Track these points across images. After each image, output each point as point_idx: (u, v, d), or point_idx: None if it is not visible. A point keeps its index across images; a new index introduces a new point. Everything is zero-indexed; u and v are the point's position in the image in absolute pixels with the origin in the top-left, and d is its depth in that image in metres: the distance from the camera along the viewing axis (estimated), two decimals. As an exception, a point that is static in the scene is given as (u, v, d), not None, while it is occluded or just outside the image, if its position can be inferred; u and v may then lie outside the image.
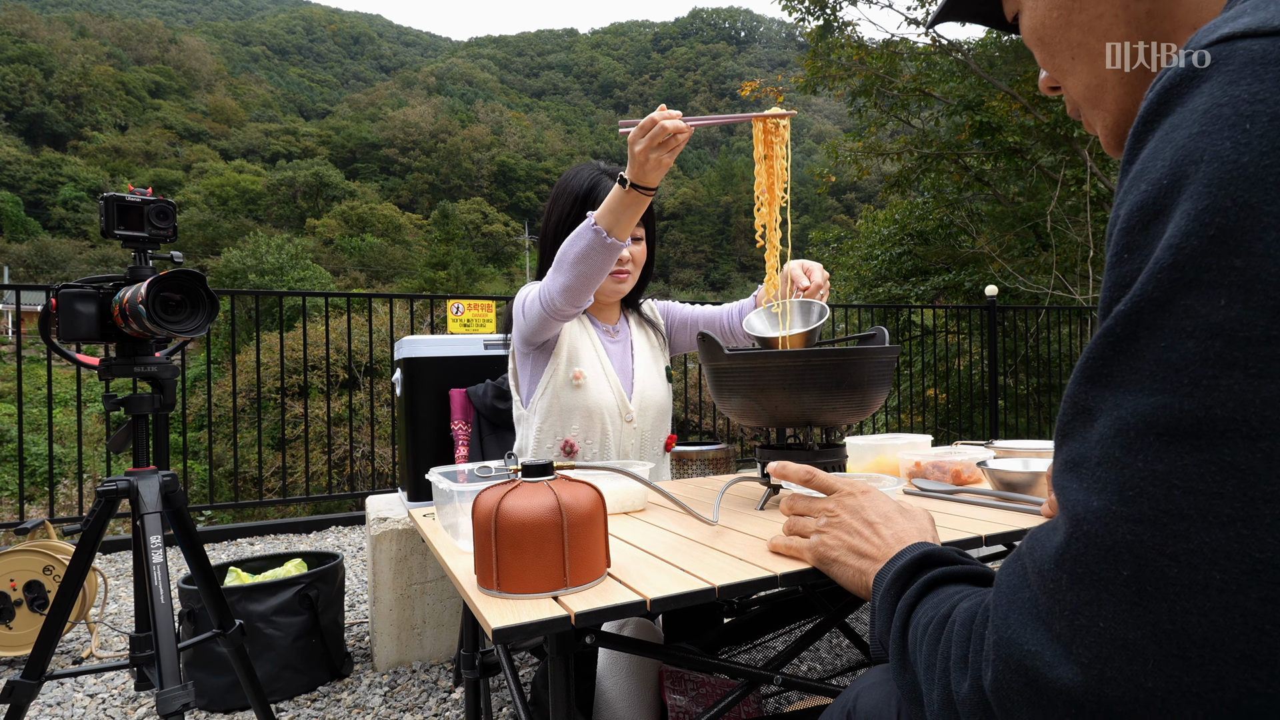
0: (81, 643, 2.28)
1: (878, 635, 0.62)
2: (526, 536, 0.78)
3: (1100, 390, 0.37)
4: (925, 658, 0.49)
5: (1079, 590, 0.35)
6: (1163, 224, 0.35)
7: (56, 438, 7.69)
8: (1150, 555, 0.33)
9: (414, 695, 1.88)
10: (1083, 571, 0.35)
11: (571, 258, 1.37)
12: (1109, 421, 0.36)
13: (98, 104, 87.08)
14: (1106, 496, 0.35)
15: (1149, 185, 0.37)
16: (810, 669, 2.02)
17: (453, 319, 3.68)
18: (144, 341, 1.33)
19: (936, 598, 0.55)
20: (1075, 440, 0.38)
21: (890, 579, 0.62)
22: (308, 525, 3.87)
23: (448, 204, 66.74)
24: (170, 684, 1.14)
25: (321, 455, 6.67)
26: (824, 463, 1.22)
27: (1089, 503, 0.36)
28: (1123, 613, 0.34)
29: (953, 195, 11.45)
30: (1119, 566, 0.34)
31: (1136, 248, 0.37)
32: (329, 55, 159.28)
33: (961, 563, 0.60)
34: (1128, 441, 0.34)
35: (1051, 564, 0.37)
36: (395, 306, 7.93)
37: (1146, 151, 0.38)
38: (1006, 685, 0.38)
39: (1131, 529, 0.34)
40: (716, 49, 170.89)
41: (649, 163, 1.24)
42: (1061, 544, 0.37)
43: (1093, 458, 0.36)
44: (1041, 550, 0.39)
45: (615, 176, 1.58)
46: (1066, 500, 0.38)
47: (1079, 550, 0.36)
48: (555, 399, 1.59)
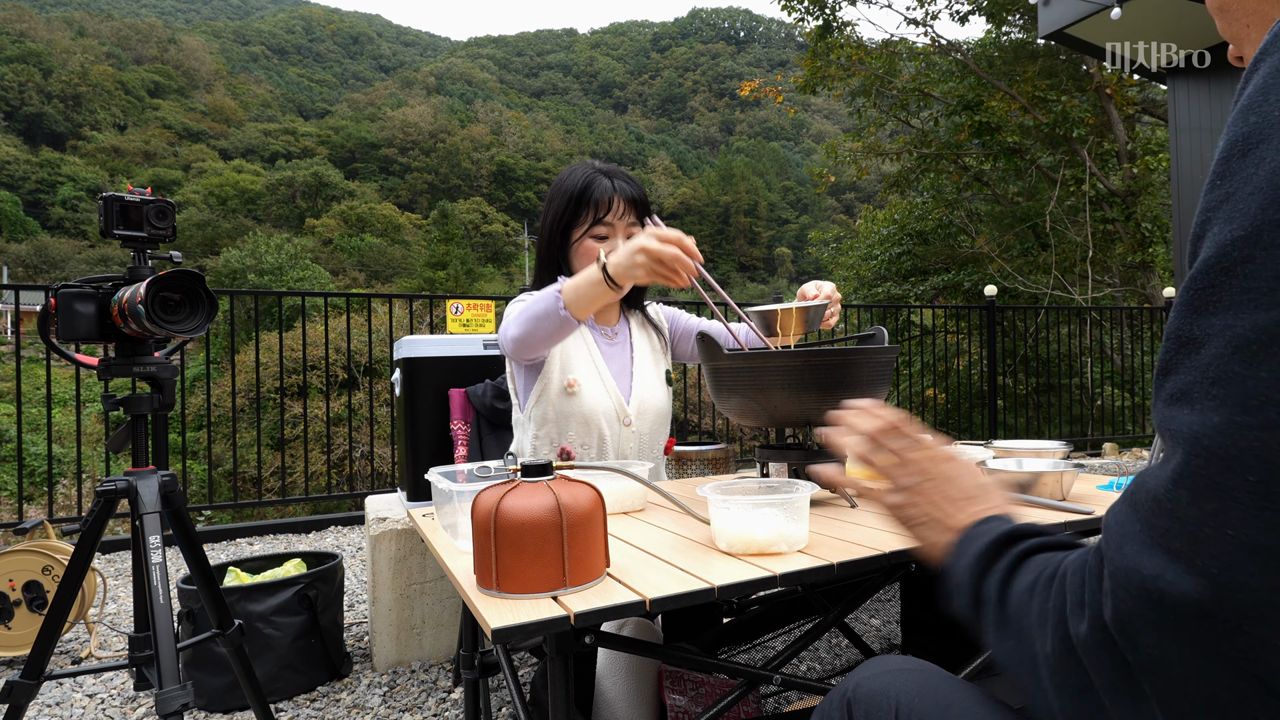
0: (80, 643, 2.28)
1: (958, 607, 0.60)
2: (526, 536, 0.78)
3: (1207, 318, 0.37)
4: (1036, 614, 0.48)
5: (1202, 503, 0.35)
6: (1266, 150, 0.35)
7: (55, 438, 7.68)
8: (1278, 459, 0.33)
9: (413, 695, 1.88)
10: (1204, 484, 0.35)
11: (530, 314, 1.38)
12: (1222, 343, 0.36)
13: (96, 104, 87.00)
14: (1228, 410, 0.35)
15: (1258, 118, 0.37)
16: (810, 669, 2.02)
17: (452, 319, 3.68)
18: (143, 341, 1.33)
19: (1033, 564, 0.54)
20: (1181, 372, 0.38)
21: (977, 554, 0.59)
22: (307, 525, 3.87)
23: (447, 204, 66.72)
24: (169, 684, 1.14)
25: (321, 455, 6.67)
26: (822, 463, 1.22)
27: (1208, 420, 0.36)
28: (1251, 518, 0.34)
29: (952, 195, 11.46)
30: (1245, 473, 0.34)
31: (1234, 174, 0.37)
32: (328, 55, 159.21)
33: (1048, 533, 0.59)
34: (1248, 355, 0.34)
35: (1168, 486, 0.37)
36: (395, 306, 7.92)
37: (1254, 86, 0.38)
38: (1129, 612, 0.39)
39: (1258, 435, 0.33)
40: (716, 49, 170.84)
41: (638, 269, 1.23)
42: (1179, 464, 0.37)
43: (1206, 379, 0.36)
44: (1153, 481, 0.39)
45: (610, 173, 1.58)
46: (1178, 428, 0.37)
47: (1199, 466, 0.36)
48: (550, 406, 1.58)
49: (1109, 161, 10.05)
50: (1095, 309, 8.06)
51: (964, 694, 0.61)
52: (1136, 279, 9.81)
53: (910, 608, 1.89)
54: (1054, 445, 1.46)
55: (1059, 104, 8.94)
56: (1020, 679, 0.51)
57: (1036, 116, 9.25)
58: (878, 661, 0.68)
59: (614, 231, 1.57)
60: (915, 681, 0.62)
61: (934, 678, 0.64)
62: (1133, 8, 4.47)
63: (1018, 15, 10.48)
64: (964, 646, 1.04)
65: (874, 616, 2.39)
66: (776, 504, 0.93)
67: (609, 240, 1.56)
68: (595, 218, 1.55)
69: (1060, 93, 9.31)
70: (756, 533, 0.92)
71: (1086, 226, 9.05)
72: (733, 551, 0.93)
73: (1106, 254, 9.78)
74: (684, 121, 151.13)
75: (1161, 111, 9.77)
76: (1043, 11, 5.03)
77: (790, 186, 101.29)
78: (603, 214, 1.55)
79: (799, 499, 0.94)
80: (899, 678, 0.64)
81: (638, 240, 1.23)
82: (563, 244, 1.60)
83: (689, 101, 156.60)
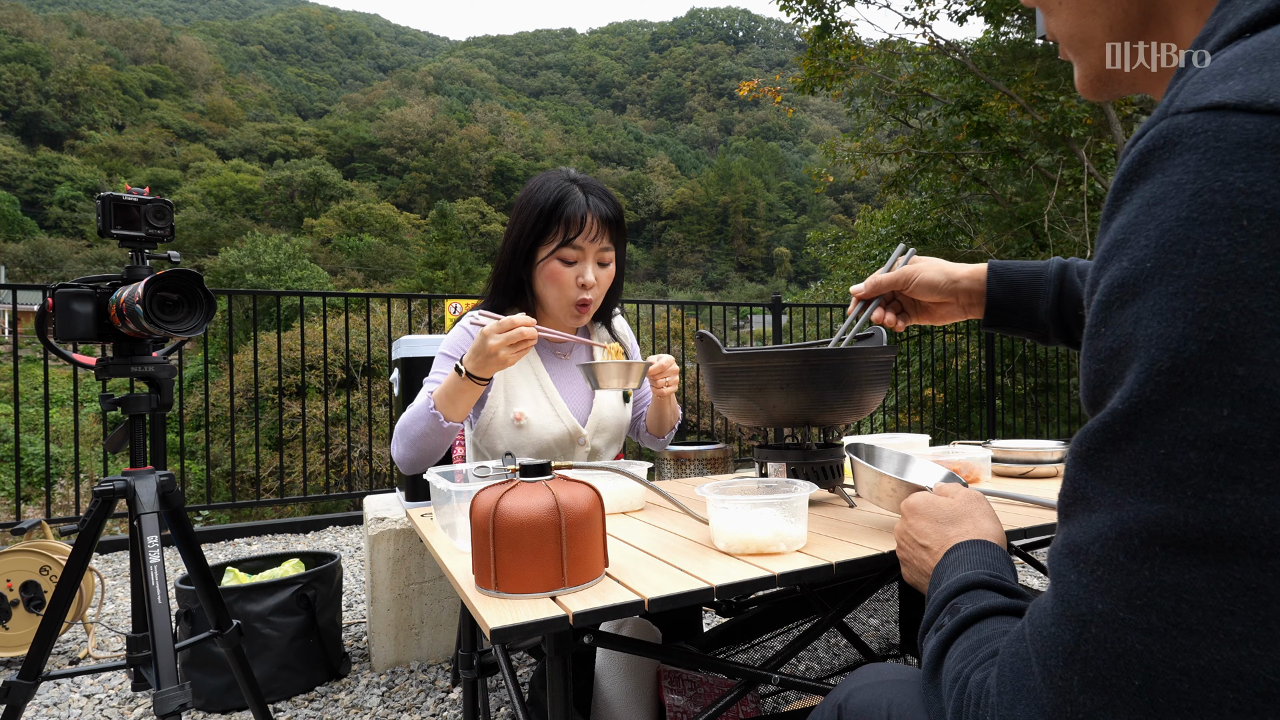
0: (78, 643, 2.27)
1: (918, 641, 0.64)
2: (524, 536, 0.78)
3: (1099, 482, 0.36)
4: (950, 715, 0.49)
5: (1091, 695, 0.35)
6: (1144, 305, 0.34)
7: (53, 438, 7.67)
8: (1161, 669, 0.32)
9: (412, 695, 1.88)
10: (1094, 677, 0.34)
11: (413, 434, 1.37)
12: (1109, 520, 0.35)
13: (94, 103, 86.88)
14: (1112, 600, 0.34)
15: (1130, 263, 0.35)
16: (808, 668, 2.02)
17: (451, 318, 3.68)
18: (141, 341, 1.33)
19: (968, 640, 0.54)
20: (1074, 525, 0.37)
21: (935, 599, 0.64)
22: (305, 525, 3.86)
23: (445, 203, 66.66)
24: (167, 684, 1.14)
25: (319, 455, 6.66)
26: (821, 462, 1.22)
27: (1093, 603, 0.35)
28: None
29: (950, 195, 11.47)
30: (1130, 676, 0.33)
31: (1114, 324, 0.36)
32: (326, 55, 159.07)
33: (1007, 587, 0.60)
34: (1132, 548, 0.33)
35: (1060, 663, 0.36)
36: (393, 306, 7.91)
37: (1127, 217, 0.36)
38: None
39: (1141, 639, 0.33)
40: (714, 49, 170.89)
41: (496, 357, 1.26)
42: (1070, 644, 0.36)
43: (1093, 554, 0.35)
44: (1044, 642, 0.38)
45: (586, 187, 1.48)
46: (1067, 591, 0.36)
47: (1089, 653, 0.35)
48: (499, 438, 1.51)
49: (1107, 162, 10.07)
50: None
51: None
52: (1134, 279, 9.81)
53: (909, 608, 1.89)
54: (1052, 445, 1.47)
55: (1057, 104, 8.95)
56: None
57: (1035, 116, 9.26)
58: (871, 670, 0.69)
59: (584, 256, 1.46)
60: (907, 693, 0.63)
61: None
62: (1131, 8, 4.48)
63: (1016, 15, 10.49)
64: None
65: (872, 616, 2.39)
66: (775, 504, 0.93)
67: (577, 265, 1.46)
68: (565, 238, 1.43)
69: (1059, 93, 9.32)
70: (755, 532, 0.92)
71: (1084, 227, 9.07)
72: (731, 551, 0.93)
73: (1105, 254, 9.79)
74: (682, 121, 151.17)
75: (1159, 112, 9.79)
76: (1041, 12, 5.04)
77: (789, 186, 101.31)
78: (573, 234, 1.43)
79: (797, 499, 0.94)
80: (891, 689, 0.64)
81: (482, 338, 1.27)
82: (527, 261, 1.48)
83: (687, 101, 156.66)
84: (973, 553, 0.69)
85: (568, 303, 1.48)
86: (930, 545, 0.75)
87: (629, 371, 1.33)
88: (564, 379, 1.59)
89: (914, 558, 0.78)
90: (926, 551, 0.76)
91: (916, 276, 1.05)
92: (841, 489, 1.25)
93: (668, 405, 1.60)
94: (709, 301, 5.53)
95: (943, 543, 0.74)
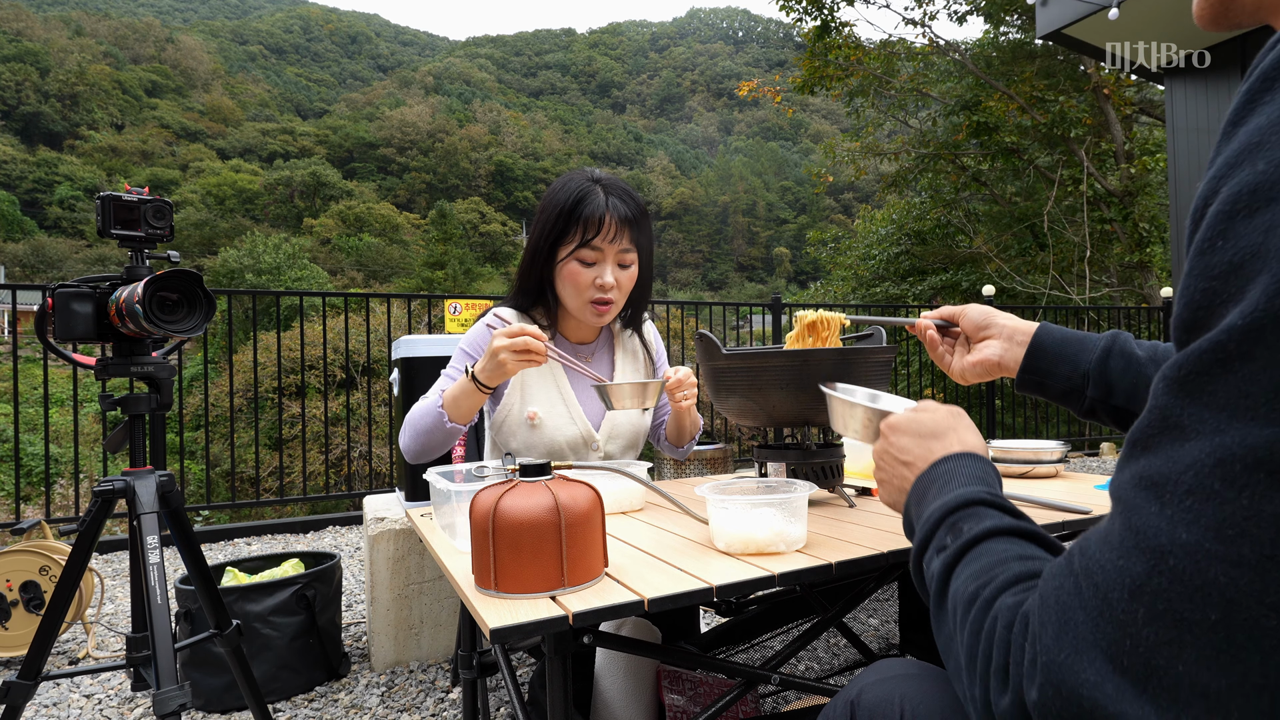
0: (78, 643, 2.27)
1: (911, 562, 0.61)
2: (524, 536, 0.78)
3: (1198, 408, 0.33)
4: (967, 642, 0.46)
5: (1157, 629, 0.33)
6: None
7: (53, 438, 7.67)
8: (1246, 602, 0.30)
9: (411, 695, 1.88)
10: (1164, 609, 0.33)
11: (419, 428, 1.39)
12: (1208, 447, 0.32)
13: (94, 103, 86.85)
14: (1200, 531, 0.32)
15: (1269, 166, 0.31)
16: (808, 668, 2.02)
17: (450, 319, 3.68)
18: (141, 341, 1.33)
19: (977, 562, 0.52)
20: (1159, 455, 0.35)
21: (930, 517, 0.60)
22: (305, 525, 3.86)
23: (445, 204, 66.67)
24: (167, 684, 1.14)
25: (319, 455, 6.66)
26: (821, 462, 1.22)
27: (1176, 534, 0.33)
28: (1207, 660, 0.31)
29: (950, 195, 11.48)
30: (1207, 609, 0.31)
31: (1237, 235, 0.32)
32: (326, 55, 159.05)
33: (1005, 506, 0.57)
34: (1231, 475, 0.31)
35: (1125, 595, 0.34)
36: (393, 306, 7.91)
37: (1265, 119, 0.33)
38: (1055, 711, 0.36)
39: (1226, 570, 0.31)
40: (714, 49, 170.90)
41: (504, 366, 1.27)
42: (1140, 576, 0.34)
43: (1183, 484, 0.33)
44: (1105, 575, 0.36)
45: (607, 187, 1.46)
46: (1144, 523, 0.34)
47: (1161, 585, 0.33)
48: (513, 436, 1.51)
49: (1106, 162, 10.07)
50: (1093, 309, 8.07)
51: None
52: (1134, 279, 9.83)
53: (909, 607, 1.90)
54: (1052, 445, 1.47)
55: (1057, 104, 8.96)
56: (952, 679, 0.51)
57: (1034, 116, 9.26)
58: (883, 665, 0.68)
59: (603, 257, 1.44)
60: (919, 687, 0.62)
61: (939, 683, 0.64)
62: (1131, 8, 4.47)
63: (1016, 15, 10.50)
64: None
65: (872, 616, 2.39)
66: (775, 504, 0.93)
67: (596, 266, 1.44)
68: (584, 238, 1.42)
69: (1058, 93, 9.33)
70: (755, 532, 0.92)
71: (1084, 226, 9.07)
72: (731, 551, 0.93)
73: (1104, 254, 9.79)
74: (682, 121, 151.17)
75: (1159, 111, 9.79)
76: (1041, 12, 5.04)
77: (788, 186, 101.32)
78: (591, 235, 1.42)
79: (797, 499, 0.94)
80: (903, 683, 0.64)
81: (494, 345, 1.28)
82: (548, 261, 1.47)
83: (687, 101, 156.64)
84: (965, 467, 0.65)
85: (585, 304, 1.47)
86: (913, 461, 0.71)
87: (643, 392, 1.32)
88: (581, 383, 1.58)
89: (895, 476, 0.74)
90: (909, 468, 0.72)
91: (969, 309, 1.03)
92: (841, 489, 1.25)
93: (687, 416, 1.59)
94: (709, 301, 5.53)
95: (927, 457, 0.70)
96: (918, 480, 0.68)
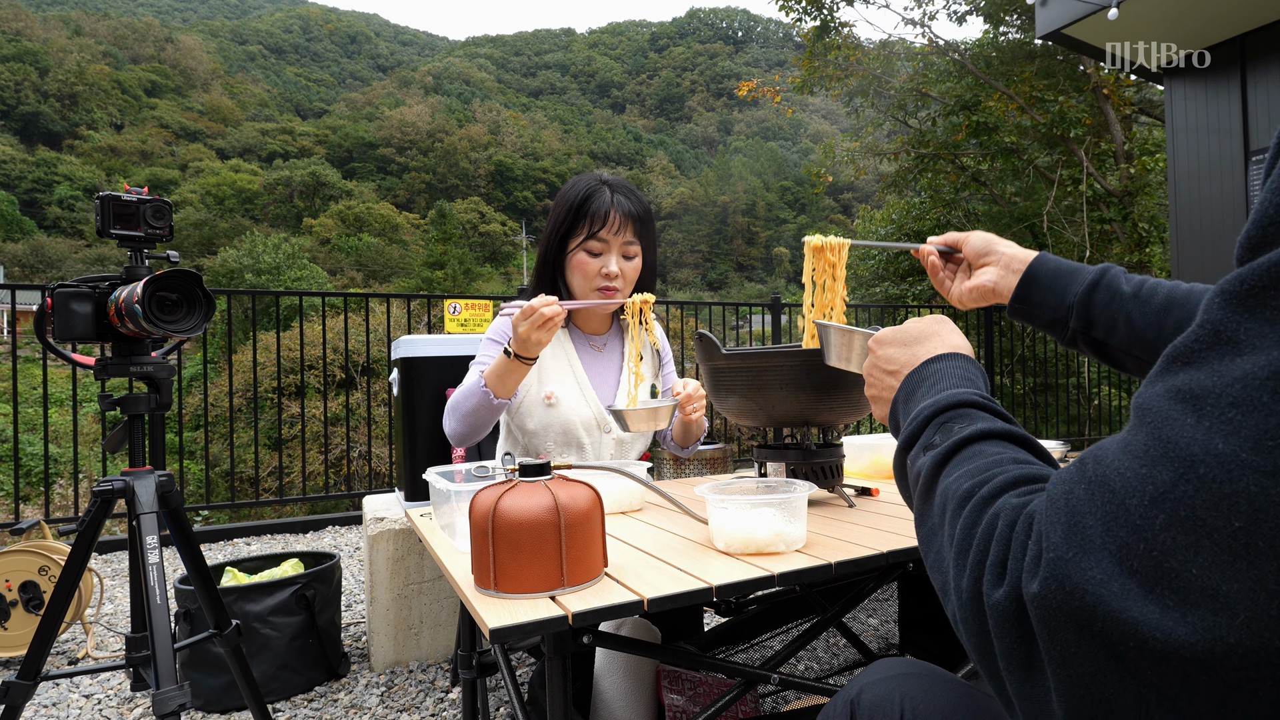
0: (77, 643, 2.27)
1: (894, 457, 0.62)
2: (524, 536, 0.78)
3: (1257, 323, 0.33)
4: (959, 536, 0.46)
5: (1176, 533, 0.33)
6: None
7: (52, 438, 7.66)
8: (1273, 511, 0.30)
9: (411, 695, 1.88)
10: (1185, 515, 0.32)
11: (465, 410, 1.48)
12: (1261, 361, 0.32)
13: (93, 103, 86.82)
14: (1238, 442, 0.32)
15: None
16: (808, 668, 2.02)
17: (450, 319, 3.68)
18: (140, 341, 1.33)
19: (971, 462, 0.51)
20: (1205, 369, 0.34)
21: (919, 415, 0.60)
22: (304, 525, 3.86)
23: (445, 203, 66.66)
24: (166, 684, 1.14)
25: (318, 455, 6.66)
26: (820, 462, 1.22)
27: (1211, 444, 0.32)
28: (1222, 564, 0.31)
29: (950, 195, 11.48)
30: (1231, 517, 0.31)
31: None
32: (326, 54, 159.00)
33: (996, 410, 0.57)
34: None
35: (1146, 502, 0.34)
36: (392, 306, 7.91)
37: None
38: (1056, 604, 0.36)
39: (1259, 480, 0.31)
40: (714, 49, 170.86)
41: (530, 339, 1.36)
42: (1165, 483, 0.34)
43: (1228, 396, 0.33)
44: (1125, 481, 0.36)
45: (613, 186, 1.60)
46: (1177, 434, 0.34)
47: (1186, 493, 0.33)
48: (530, 417, 1.60)
49: (1106, 162, 10.07)
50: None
51: (969, 699, 0.62)
52: (1133, 279, 9.81)
53: (908, 607, 1.90)
54: (1052, 445, 1.47)
55: (1056, 104, 8.96)
56: (930, 570, 0.51)
57: (1034, 117, 9.26)
58: (883, 665, 0.68)
59: (608, 248, 1.57)
60: (919, 686, 0.62)
61: (938, 682, 0.64)
62: (1130, 8, 4.47)
63: (1015, 15, 10.50)
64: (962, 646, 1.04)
65: (872, 616, 2.39)
66: (774, 504, 0.93)
67: (602, 257, 1.56)
68: (591, 231, 1.55)
69: (1058, 93, 9.33)
70: (755, 532, 0.92)
71: (1084, 226, 9.07)
72: (731, 551, 0.93)
73: (1104, 254, 9.80)
74: (682, 121, 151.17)
75: (1158, 112, 9.79)
76: (1040, 12, 5.04)
77: (788, 186, 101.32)
78: (598, 228, 1.55)
79: (797, 499, 0.94)
80: (903, 682, 0.64)
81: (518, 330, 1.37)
82: (559, 253, 1.61)
83: (687, 101, 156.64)
84: (953, 367, 0.65)
85: (592, 291, 1.59)
86: (899, 370, 0.71)
87: (656, 415, 1.36)
88: (595, 369, 1.68)
89: (884, 389, 0.74)
90: (895, 377, 0.71)
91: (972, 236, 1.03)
92: (841, 489, 1.25)
93: (695, 425, 1.68)
94: (708, 301, 5.53)
95: (912, 361, 0.70)
96: (906, 379, 0.69)
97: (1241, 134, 4.69)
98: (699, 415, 1.57)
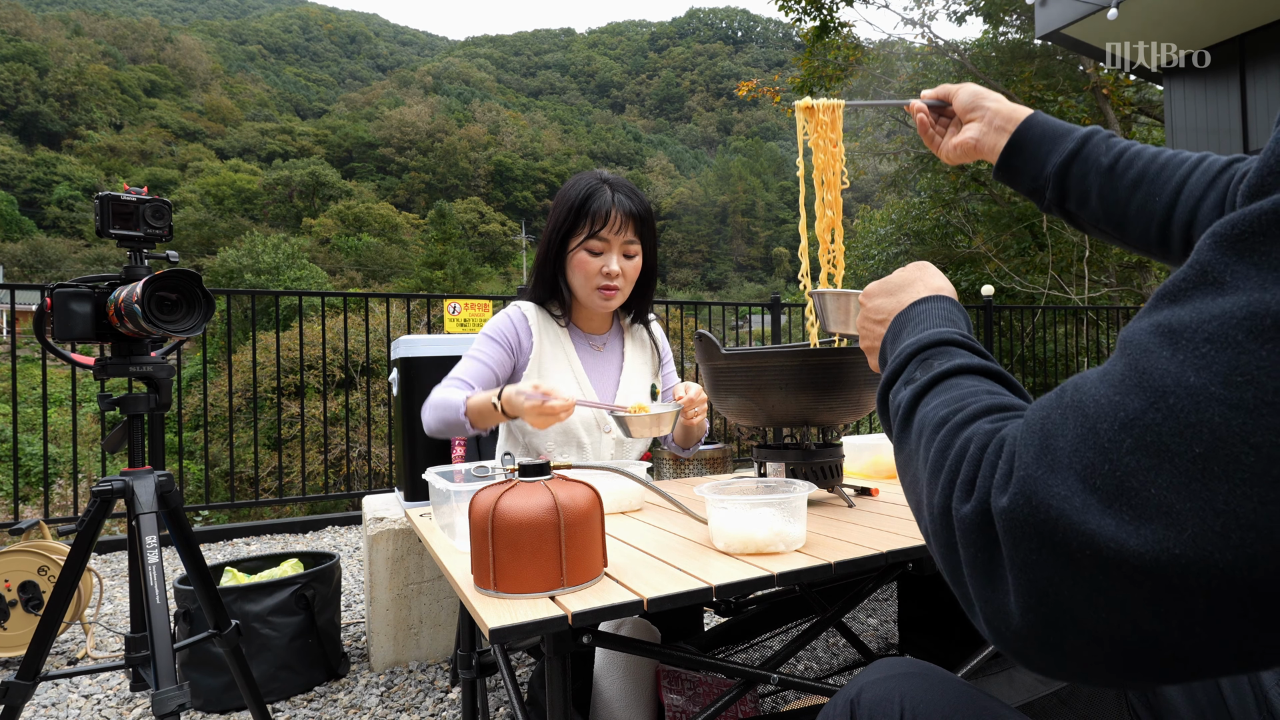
0: (77, 643, 2.27)
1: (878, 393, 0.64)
2: (523, 536, 0.77)
3: (1245, 266, 0.33)
4: (932, 457, 0.49)
5: (1139, 456, 0.35)
6: None
7: (51, 438, 7.66)
8: (1231, 440, 0.32)
9: (411, 695, 1.88)
10: (1152, 440, 0.34)
11: (440, 416, 1.49)
12: (1243, 301, 0.33)
13: (93, 103, 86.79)
14: (1209, 376, 0.33)
15: None
16: (807, 668, 2.02)
17: (449, 318, 3.68)
18: (139, 341, 1.33)
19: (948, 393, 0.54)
20: (1186, 307, 0.35)
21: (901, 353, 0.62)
22: (304, 525, 3.86)
23: (444, 203, 66.63)
24: (166, 684, 1.14)
25: (318, 455, 6.66)
26: (820, 462, 1.22)
27: (1184, 376, 0.34)
28: (1179, 485, 0.33)
29: (949, 195, 11.48)
30: (1193, 444, 0.33)
31: None
32: (325, 54, 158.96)
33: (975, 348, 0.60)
34: (1259, 329, 0.32)
35: (1115, 427, 0.36)
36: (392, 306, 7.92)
37: None
38: (1022, 518, 0.39)
39: (1223, 412, 0.32)
40: (713, 49, 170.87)
41: (526, 419, 1.34)
42: (1136, 411, 0.35)
43: (1204, 332, 0.34)
44: (1098, 407, 0.37)
45: (614, 186, 1.58)
46: (1153, 365, 0.35)
47: (1154, 420, 0.34)
48: None
49: (1105, 162, 10.06)
50: (1092, 309, 8.08)
51: (968, 699, 0.62)
52: (1133, 279, 9.84)
53: (908, 607, 1.90)
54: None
55: (1056, 104, 8.96)
56: (906, 491, 0.55)
57: (1033, 117, 9.27)
58: (883, 664, 0.68)
59: (609, 247, 1.56)
60: (919, 686, 0.63)
61: (938, 682, 0.64)
62: (1130, 8, 4.48)
63: (1015, 16, 10.51)
64: (962, 645, 1.04)
65: (871, 616, 2.39)
66: (774, 504, 0.93)
67: (603, 256, 1.56)
68: (591, 230, 1.55)
69: (1057, 93, 9.34)
70: (754, 532, 0.92)
71: (1083, 226, 9.07)
72: (730, 551, 0.93)
73: (1103, 254, 9.80)
74: (681, 121, 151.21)
75: (1158, 112, 9.80)
76: (1040, 12, 5.04)
77: (788, 186, 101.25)
78: (598, 228, 1.54)
79: (796, 499, 0.94)
80: (903, 682, 0.64)
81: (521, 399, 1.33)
82: (560, 252, 1.60)
83: (686, 101, 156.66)
84: (936, 308, 0.68)
85: (592, 290, 1.59)
86: (886, 318, 0.73)
87: (659, 421, 1.36)
88: (595, 369, 1.68)
89: (875, 337, 0.77)
90: (884, 325, 0.73)
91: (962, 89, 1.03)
92: (840, 489, 1.25)
93: (696, 427, 1.69)
94: (708, 301, 5.53)
95: (898, 307, 0.72)
96: (894, 321, 0.71)
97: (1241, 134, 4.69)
98: (701, 419, 1.57)
